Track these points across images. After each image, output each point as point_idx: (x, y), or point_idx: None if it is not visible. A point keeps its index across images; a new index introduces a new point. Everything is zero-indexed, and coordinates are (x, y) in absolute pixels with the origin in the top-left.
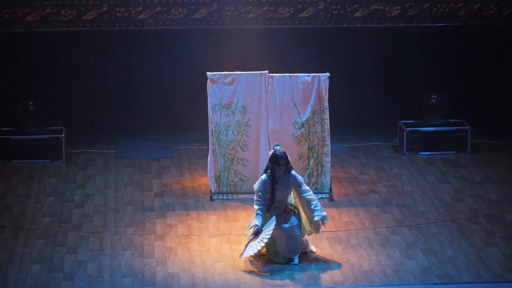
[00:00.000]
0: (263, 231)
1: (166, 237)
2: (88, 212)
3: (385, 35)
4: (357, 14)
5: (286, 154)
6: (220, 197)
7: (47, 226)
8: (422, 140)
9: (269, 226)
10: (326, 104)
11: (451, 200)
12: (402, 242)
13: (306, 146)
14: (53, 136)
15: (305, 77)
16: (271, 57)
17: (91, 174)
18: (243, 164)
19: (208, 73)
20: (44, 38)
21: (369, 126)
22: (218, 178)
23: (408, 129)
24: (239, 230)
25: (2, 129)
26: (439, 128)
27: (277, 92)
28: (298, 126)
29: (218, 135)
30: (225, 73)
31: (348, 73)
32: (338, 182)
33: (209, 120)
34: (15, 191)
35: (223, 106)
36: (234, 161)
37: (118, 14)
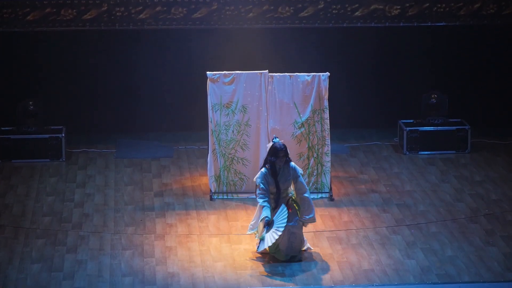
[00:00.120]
0: (275, 221)
1: (166, 237)
2: (88, 212)
3: (385, 34)
4: (357, 13)
5: (285, 146)
6: (220, 196)
7: (47, 225)
8: (422, 139)
9: (281, 215)
10: (326, 103)
11: (451, 200)
12: (402, 242)
13: (306, 145)
14: (53, 135)
15: (305, 76)
16: (271, 57)
17: (91, 174)
18: (243, 163)
19: (208, 72)
20: (44, 38)
21: (369, 125)
22: (218, 178)
23: (408, 128)
24: (239, 229)
25: (2, 128)
26: (439, 128)
27: (277, 91)
28: (298, 126)
29: (218, 135)
30: (225, 73)
31: (348, 73)
32: (338, 182)
33: (209, 120)
34: (15, 190)
35: (223, 106)
36: (234, 160)
37: (118, 13)
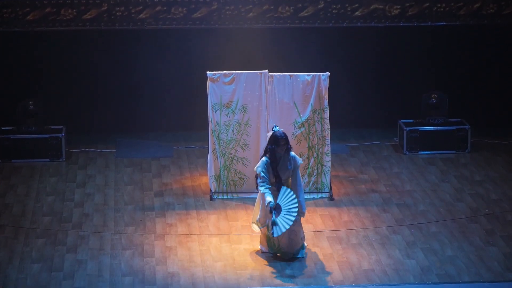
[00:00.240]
0: (282, 205)
1: (166, 237)
2: (88, 212)
3: (385, 34)
4: (357, 13)
5: (285, 134)
6: (220, 196)
7: (47, 225)
8: (422, 139)
9: (288, 197)
10: (326, 103)
11: (451, 200)
12: (402, 242)
13: (306, 145)
14: (53, 135)
15: (305, 76)
16: (271, 57)
17: (91, 173)
18: (243, 163)
19: (208, 72)
20: (44, 38)
21: (369, 125)
22: (218, 177)
23: (408, 128)
24: (239, 229)
25: (2, 128)
26: (439, 128)
27: (277, 91)
28: (298, 126)
29: (218, 134)
30: (225, 73)
31: (348, 73)
32: (338, 182)
33: (209, 120)
34: (15, 190)
35: (223, 106)
36: (234, 160)
37: (118, 13)
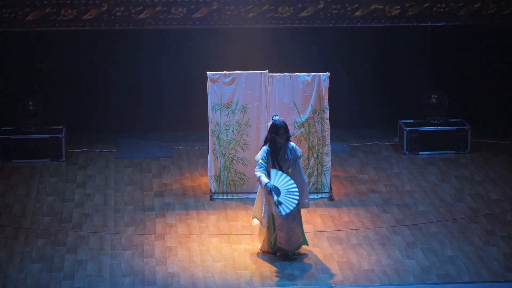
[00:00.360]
0: (279, 186)
1: (166, 237)
2: (88, 212)
3: (385, 34)
4: (357, 13)
5: (285, 123)
6: (220, 196)
7: (47, 225)
8: (422, 139)
9: (281, 178)
10: (326, 103)
11: (451, 200)
12: (402, 242)
13: (306, 145)
14: (53, 135)
15: (305, 76)
16: (271, 57)
17: (91, 174)
18: (243, 163)
19: (208, 72)
20: (44, 38)
21: (369, 125)
22: (218, 178)
23: (408, 128)
24: (239, 229)
25: (2, 128)
26: (439, 128)
27: (277, 91)
28: (298, 126)
29: (218, 135)
30: (225, 73)
31: (348, 73)
32: (338, 182)
33: (209, 120)
34: (15, 190)
35: (223, 106)
36: (234, 160)
37: (118, 13)
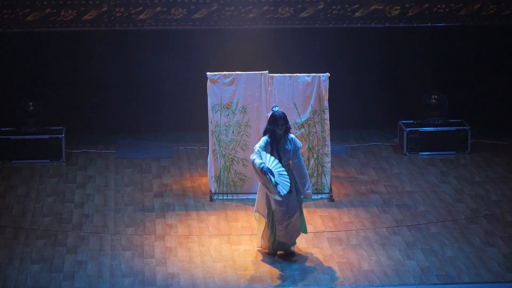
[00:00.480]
0: (272, 167)
1: (166, 237)
2: (88, 212)
3: (385, 35)
4: (357, 14)
5: (284, 114)
6: (220, 197)
7: (47, 226)
8: (422, 140)
9: (271, 162)
10: (326, 104)
11: (451, 200)
12: (402, 242)
13: (306, 146)
14: (53, 136)
15: (305, 77)
16: (271, 57)
17: (91, 174)
18: (243, 164)
19: (208, 73)
20: (44, 38)
21: (369, 126)
22: (218, 178)
23: (408, 129)
24: (239, 230)
25: (2, 129)
26: (439, 128)
27: (277, 92)
28: (298, 127)
29: (218, 135)
30: (225, 73)
31: (348, 73)
32: (338, 182)
33: (209, 120)
34: (15, 191)
35: (223, 106)
36: (234, 161)
37: (118, 14)
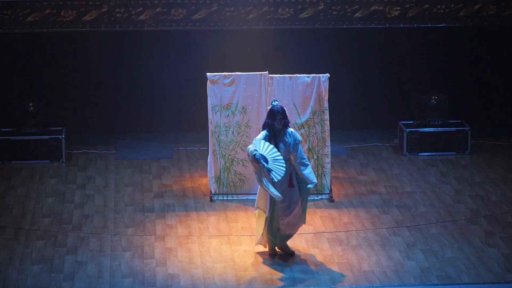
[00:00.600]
0: (266, 154)
1: (166, 238)
2: (88, 213)
3: (385, 35)
4: (357, 14)
5: (283, 109)
6: (220, 197)
7: (47, 226)
8: (422, 141)
9: (266, 148)
10: (326, 105)
11: (451, 201)
12: (402, 243)
13: (306, 147)
14: (53, 136)
15: (305, 78)
16: (271, 58)
17: (91, 175)
18: (243, 164)
19: (208, 73)
20: (44, 39)
21: (369, 126)
22: (218, 179)
23: (408, 129)
24: (239, 230)
25: (2, 129)
26: (439, 129)
27: (277, 93)
28: (297, 127)
29: (218, 136)
30: (225, 74)
31: (348, 74)
32: (338, 183)
33: (209, 121)
34: (15, 191)
35: (223, 107)
36: (234, 161)
37: (118, 15)
